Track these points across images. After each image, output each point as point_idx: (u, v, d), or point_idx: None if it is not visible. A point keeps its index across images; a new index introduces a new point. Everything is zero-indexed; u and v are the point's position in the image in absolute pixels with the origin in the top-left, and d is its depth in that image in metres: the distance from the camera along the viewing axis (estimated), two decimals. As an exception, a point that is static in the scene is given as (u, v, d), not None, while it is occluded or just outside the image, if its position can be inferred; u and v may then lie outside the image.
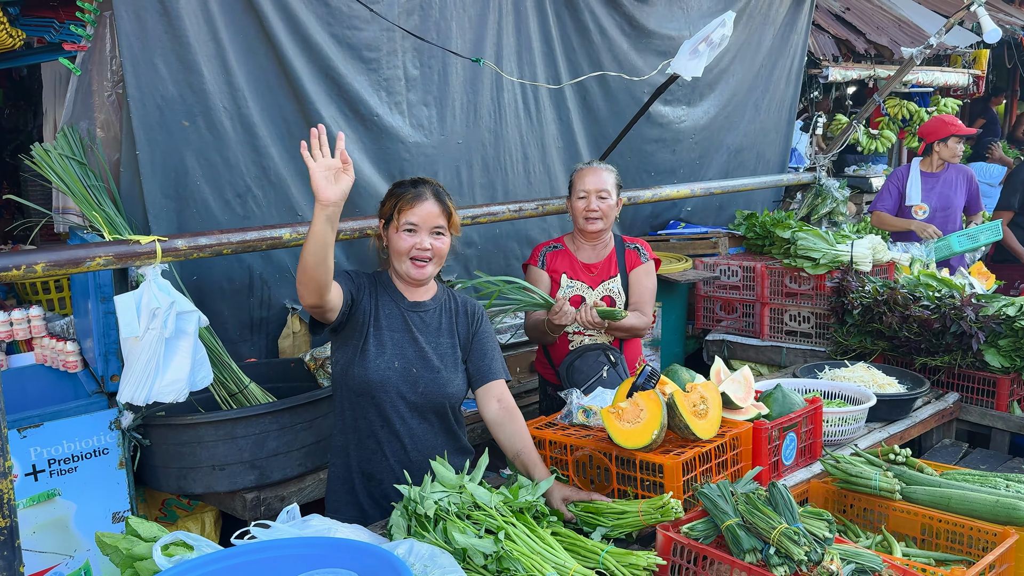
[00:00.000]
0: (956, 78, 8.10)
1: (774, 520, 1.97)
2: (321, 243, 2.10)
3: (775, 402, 2.70)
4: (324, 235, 2.10)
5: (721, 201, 5.71)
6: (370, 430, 2.42)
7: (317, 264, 2.12)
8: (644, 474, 2.32)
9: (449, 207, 2.42)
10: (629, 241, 3.37)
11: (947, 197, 5.18)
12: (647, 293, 3.29)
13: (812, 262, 4.08)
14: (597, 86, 4.66)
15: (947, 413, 3.43)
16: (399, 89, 3.65)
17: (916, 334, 3.54)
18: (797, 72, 5.95)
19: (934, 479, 2.51)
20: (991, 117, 10.72)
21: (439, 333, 2.46)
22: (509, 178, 4.30)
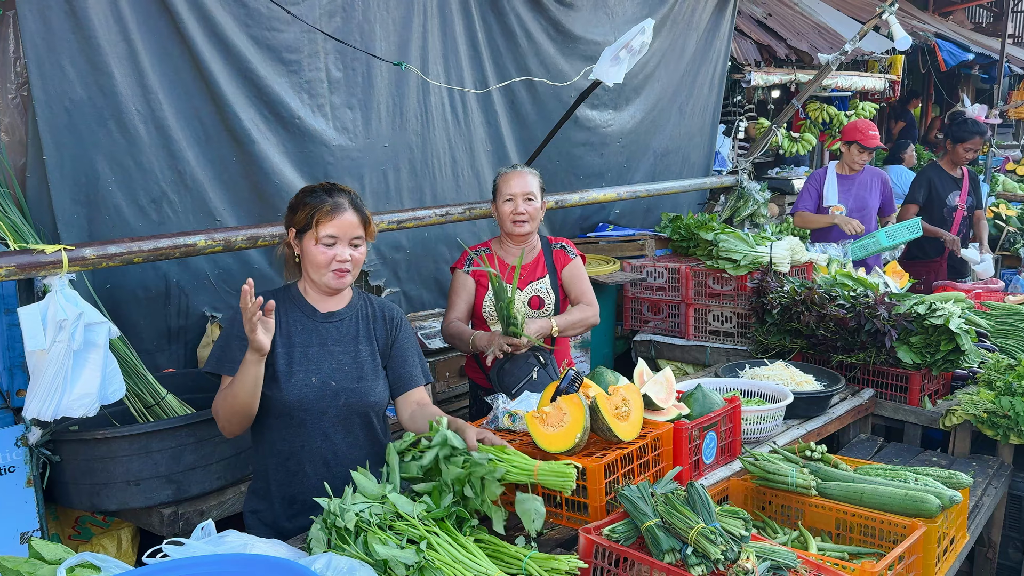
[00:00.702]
0: (873, 83, 8.41)
1: (692, 520, 2.00)
2: (253, 385, 2.19)
3: (696, 402, 2.74)
4: (257, 377, 2.18)
5: (648, 204, 5.80)
6: (290, 451, 2.36)
7: (251, 402, 2.22)
8: (567, 478, 2.33)
9: (366, 215, 2.37)
10: (555, 241, 3.41)
11: (862, 199, 5.36)
12: (586, 284, 3.37)
13: (733, 263, 4.17)
14: (525, 90, 4.68)
15: (863, 409, 3.55)
16: (322, 91, 3.60)
17: (832, 332, 3.65)
18: (720, 77, 6.08)
19: (848, 475, 2.59)
20: (910, 120, 11.16)
21: (356, 341, 2.41)
22: (437, 182, 4.28)
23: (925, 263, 5.72)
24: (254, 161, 3.43)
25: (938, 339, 3.47)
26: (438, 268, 4.39)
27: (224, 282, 3.48)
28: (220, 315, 3.48)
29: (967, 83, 12.93)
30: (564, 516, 2.35)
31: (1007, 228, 8.34)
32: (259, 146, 3.43)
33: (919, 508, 2.35)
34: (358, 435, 2.42)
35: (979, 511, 2.92)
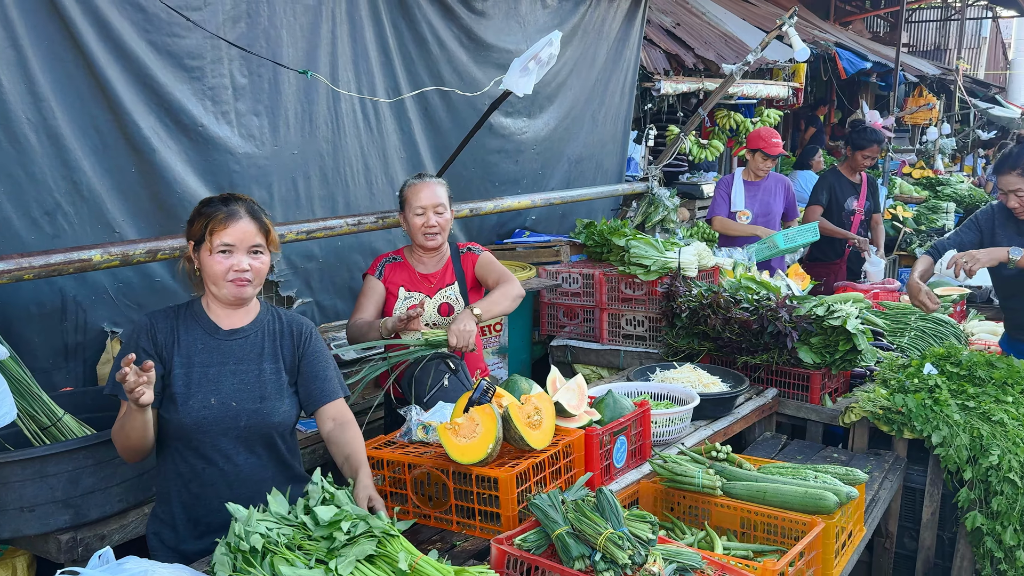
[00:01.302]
0: (777, 90, 8.73)
1: (601, 526, 2.04)
2: (142, 428, 2.15)
3: (607, 407, 2.79)
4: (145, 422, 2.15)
5: (564, 210, 5.87)
6: (192, 474, 2.29)
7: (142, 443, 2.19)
8: (480, 488, 2.34)
9: (266, 224, 2.30)
10: (462, 246, 3.43)
11: (767, 204, 5.57)
12: (498, 266, 3.37)
13: (644, 269, 4.27)
14: (439, 97, 4.67)
15: (767, 408, 3.67)
16: (226, 98, 3.51)
17: (737, 335, 3.77)
18: (631, 85, 6.21)
19: (752, 474, 2.67)
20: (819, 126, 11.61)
21: (261, 359, 2.35)
22: (350, 189, 4.23)
23: (827, 265, 5.97)
24: (155, 170, 3.32)
25: (836, 339, 3.63)
26: (352, 277, 4.34)
27: (124, 296, 3.35)
28: (120, 330, 3.35)
29: (866, 90, 13.56)
30: (477, 527, 2.36)
31: (904, 229, 8.78)
32: (160, 155, 3.32)
33: (818, 505, 2.45)
34: (262, 456, 2.35)
35: (876, 504, 3.07)
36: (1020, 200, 3.65)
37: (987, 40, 23.20)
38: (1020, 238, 3.78)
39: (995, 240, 3.84)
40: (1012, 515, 3.11)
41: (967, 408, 3.29)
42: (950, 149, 14.82)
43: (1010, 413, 3.25)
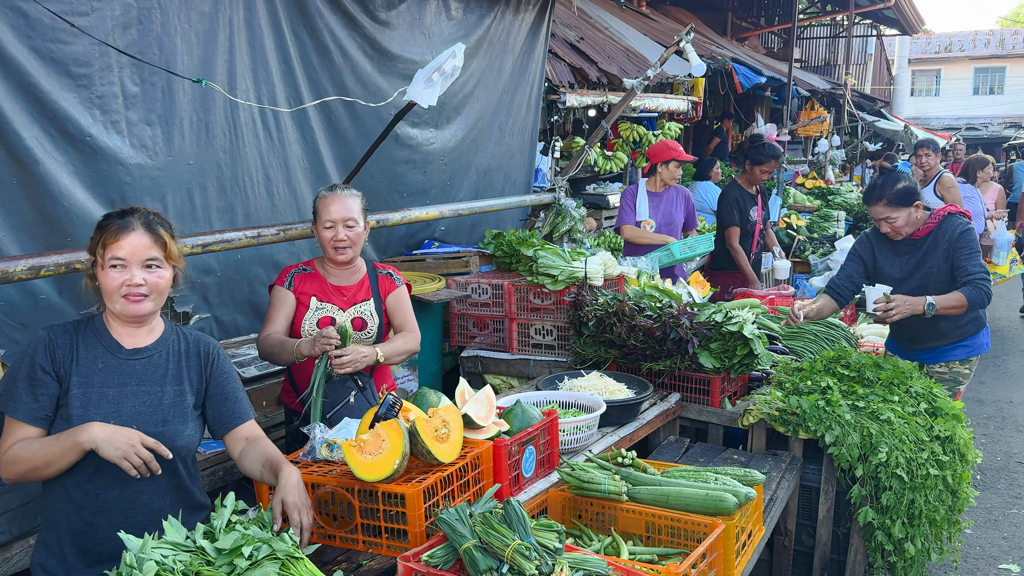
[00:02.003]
0: (678, 104, 8.99)
1: (508, 537, 2.04)
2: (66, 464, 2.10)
3: (515, 418, 2.80)
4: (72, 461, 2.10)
5: (473, 220, 5.87)
6: (85, 500, 2.17)
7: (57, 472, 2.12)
8: (387, 505, 2.30)
9: (163, 237, 2.22)
10: (381, 267, 3.39)
11: (669, 214, 5.73)
12: (409, 313, 3.37)
13: (552, 278, 4.31)
14: (343, 107, 4.61)
15: (670, 412, 3.77)
16: (116, 107, 3.36)
17: (642, 342, 3.85)
18: (537, 97, 6.28)
19: (656, 478, 2.73)
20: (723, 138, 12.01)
21: (164, 381, 2.26)
22: (250, 201, 4.12)
23: (731, 273, 6.16)
24: (38, 183, 3.15)
25: (734, 344, 3.75)
26: (253, 291, 4.22)
27: (6, 315, 3.16)
28: (3, 350, 3.15)
29: (761, 104, 14.14)
30: (384, 545, 2.32)
31: (798, 237, 9.18)
32: (44, 166, 3.15)
33: (718, 507, 2.52)
34: (161, 481, 2.25)
35: (775, 503, 3.18)
36: (891, 225, 3.94)
37: (872, 57, 24.57)
38: (899, 258, 4.06)
39: (878, 265, 4.11)
40: (900, 509, 3.27)
41: (857, 408, 3.45)
42: (840, 160, 15.60)
43: (896, 412, 3.43)
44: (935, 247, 3.93)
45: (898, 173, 4.05)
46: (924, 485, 3.28)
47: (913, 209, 3.91)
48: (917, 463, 3.29)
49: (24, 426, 2.13)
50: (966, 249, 3.85)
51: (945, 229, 3.92)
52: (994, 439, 5.81)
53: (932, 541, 3.40)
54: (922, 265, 3.96)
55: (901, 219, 3.91)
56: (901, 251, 4.05)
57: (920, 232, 3.97)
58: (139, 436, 2.09)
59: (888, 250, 4.08)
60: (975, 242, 3.91)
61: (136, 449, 2.06)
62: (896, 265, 4.04)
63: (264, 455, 2.33)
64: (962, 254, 3.85)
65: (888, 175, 4.05)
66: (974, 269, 3.82)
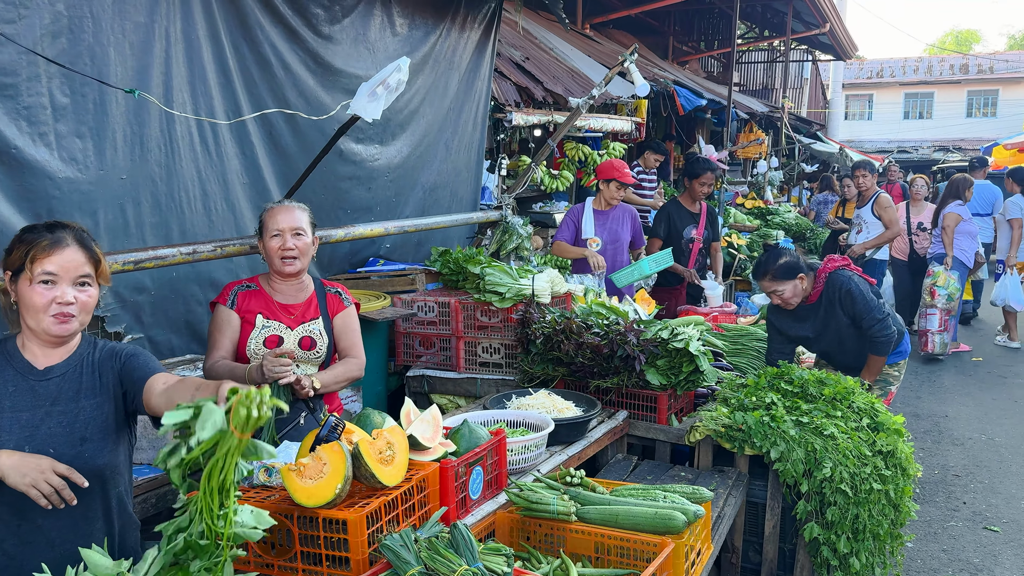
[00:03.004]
0: (621, 124, 9.08)
1: (455, 563, 1.98)
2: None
3: (462, 438, 2.74)
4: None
5: (419, 238, 5.81)
6: (6, 532, 2.04)
7: None
8: (329, 532, 2.22)
9: (96, 253, 2.14)
10: (329, 285, 3.29)
11: (615, 232, 5.75)
12: (356, 336, 3.26)
13: (499, 296, 4.27)
14: (284, 121, 4.51)
15: (618, 430, 3.74)
16: (44, 119, 3.22)
17: (590, 359, 3.83)
18: (483, 115, 6.26)
19: (605, 497, 2.70)
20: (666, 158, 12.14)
21: (79, 396, 2.14)
22: (186, 216, 3.99)
23: (669, 290, 6.21)
24: (-41, 196, 2.99)
25: (680, 361, 3.76)
26: (189, 310, 4.07)
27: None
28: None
29: (702, 126, 14.39)
30: (325, 575, 2.23)
31: (738, 256, 9.34)
32: (-35, 179, 2.99)
33: (667, 525, 2.50)
34: (88, 505, 2.13)
35: (722, 520, 3.17)
36: (780, 297, 4.28)
37: (808, 81, 25.30)
38: (797, 323, 4.40)
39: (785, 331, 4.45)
40: (845, 524, 3.30)
41: (801, 424, 3.48)
42: (778, 181, 15.98)
43: (840, 427, 3.46)
44: (831, 305, 4.30)
45: (781, 249, 4.41)
46: (868, 500, 3.32)
47: (798, 281, 4.23)
48: (860, 478, 3.33)
49: None
50: (854, 304, 4.22)
51: (832, 289, 4.27)
52: (931, 452, 5.94)
53: (876, 555, 3.43)
54: (828, 323, 4.32)
55: (788, 291, 4.23)
56: (801, 316, 4.37)
57: (812, 296, 4.31)
58: (50, 463, 1.97)
59: (789, 317, 4.40)
60: (860, 293, 4.24)
61: (46, 476, 1.95)
62: (804, 327, 4.38)
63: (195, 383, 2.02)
64: (855, 309, 4.22)
65: (771, 251, 4.40)
66: (868, 323, 4.20)
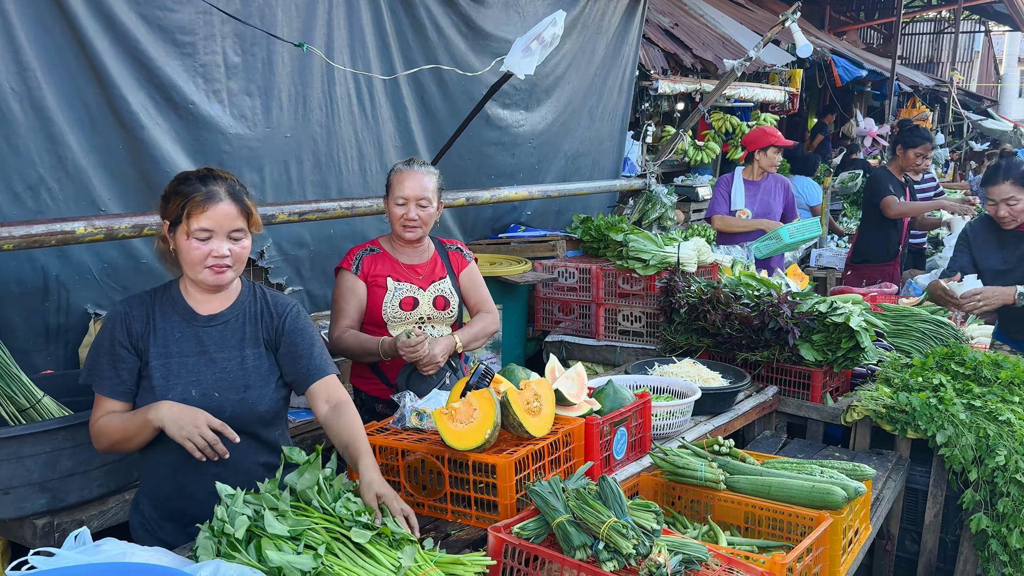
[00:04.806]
0: (774, 94, 8.69)
1: (604, 515, 1.95)
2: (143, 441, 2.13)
3: (607, 398, 2.70)
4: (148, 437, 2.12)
5: (559, 206, 5.79)
6: (176, 464, 2.17)
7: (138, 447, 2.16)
8: (477, 475, 2.24)
9: (248, 206, 2.14)
10: (448, 242, 3.26)
11: (767, 204, 5.51)
12: (485, 290, 3.25)
13: (643, 263, 4.18)
14: (435, 85, 4.59)
15: (767, 405, 3.59)
16: (218, 76, 3.41)
17: (737, 331, 3.69)
18: (629, 82, 6.14)
19: (756, 468, 2.59)
20: (827, 134, 11.54)
21: (242, 345, 2.21)
22: (343, 176, 4.14)
23: (879, 267, 5.85)
24: (143, 148, 3.22)
25: (839, 337, 3.55)
26: (344, 266, 4.23)
27: (108, 277, 3.24)
28: (103, 312, 3.24)
29: (860, 99, 13.58)
30: (473, 516, 2.26)
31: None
32: (148, 132, 3.21)
33: (825, 500, 2.37)
34: (252, 446, 2.22)
35: (880, 504, 2.99)
36: (1010, 209, 3.77)
37: (979, 54, 23.36)
38: (1001, 251, 3.91)
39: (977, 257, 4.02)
40: (1018, 517, 3.03)
41: (973, 407, 3.21)
42: (943, 159, 14.85)
43: (1017, 413, 3.18)
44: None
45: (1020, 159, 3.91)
46: (1047, 493, 3.03)
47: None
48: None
49: (109, 400, 2.14)
50: None
51: None
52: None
53: (1053, 555, 3.14)
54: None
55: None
56: (1006, 243, 3.90)
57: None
58: (206, 418, 2.03)
59: (990, 242, 3.95)
60: None
61: (200, 431, 2.01)
62: (997, 257, 3.93)
63: (346, 433, 2.19)
64: None
65: (1009, 157, 3.88)
66: None
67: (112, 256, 3.24)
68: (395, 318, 2.99)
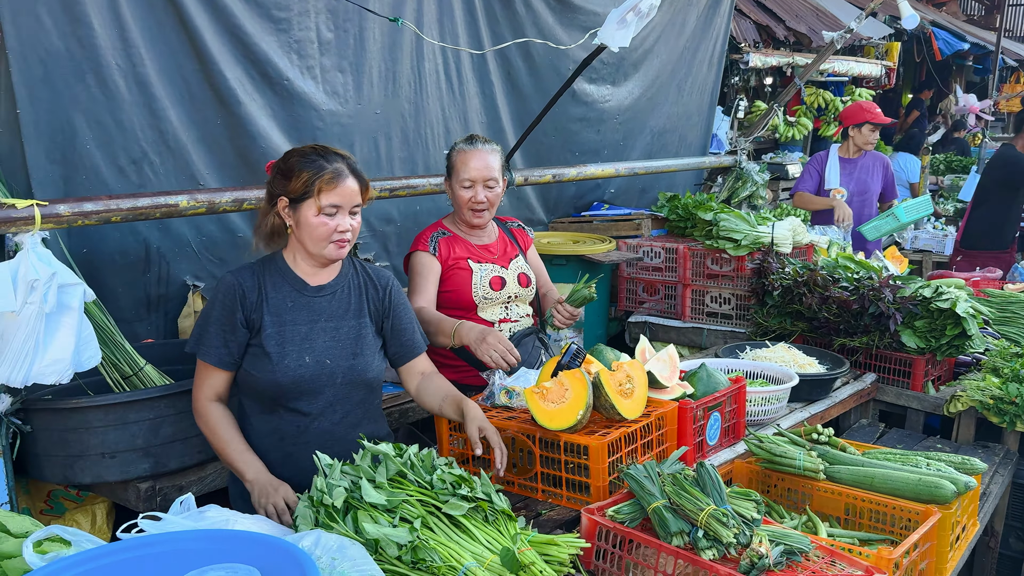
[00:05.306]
0: (870, 68, 8.31)
1: (702, 501, 1.90)
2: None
3: (700, 381, 2.64)
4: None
5: (644, 184, 5.67)
6: (283, 432, 2.24)
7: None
8: (569, 456, 2.22)
9: (365, 180, 2.24)
10: (507, 220, 3.19)
11: (864, 182, 5.28)
12: (544, 270, 3.21)
13: (734, 243, 4.07)
14: (522, 61, 4.53)
15: (865, 393, 3.46)
16: (312, 52, 3.43)
17: (835, 315, 3.56)
18: (719, 56, 5.96)
19: (857, 458, 2.50)
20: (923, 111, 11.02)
21: (348, 314, 2.28)
22: (430, 153, 4.14)
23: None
24: (240, 123, 3.27)
25: (944, 323, 3.39)
26: (429, 242, 4.25)
27: (207, 250, 3.32)
28: (202, 284, 3.33)
29: (959, 74, 12.89)
30: (564, 496, 2.24)
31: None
32: (245, 107, 3.27)
33: (933, 494, 2.26)
34: (355, 414, 2.30)
35: (987, 499, 2.85)
36: None
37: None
38: None
39: None
40: None
41: (1092, 401, 3.02)
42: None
43: None
44: None
45: None
46: None
47: None
48: None
49: (215, 370, 2.20)
50: None
51: None
52: None
53: None
54: None
55: None
56: None
57: None
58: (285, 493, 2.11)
59: None
60: None
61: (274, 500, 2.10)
62: None
63: (443, 390, 2.36)
64: None
65: None
66: None
67: (210, 230, 3.32)
68: (486, 299, 2.95)
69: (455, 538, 1.87)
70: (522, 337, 3.01)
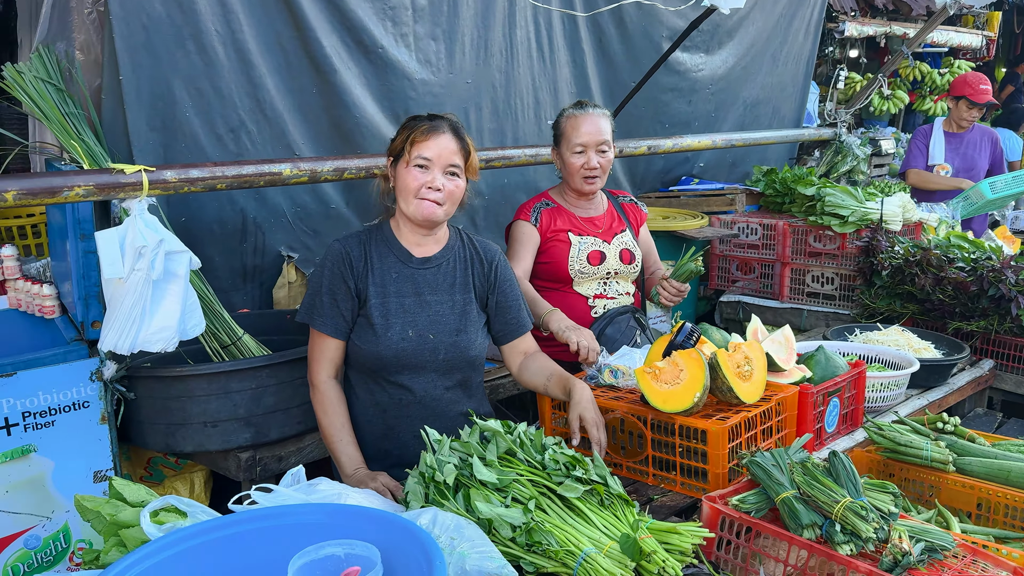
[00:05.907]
0: (969, 39, 7.85)
1: (837, 493, 1.77)
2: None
3: (818, 365, 2.50)
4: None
5: (734, 158, 5.47)
6: (386, 405, 2.20)
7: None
8: (684, 440, 2.11)
9: (468, 145, 2.17)
10: (619, 194, 3.07)
11: (971, 158, 4.97)
12: (654, 248, 3.12)
13: (840, 220, 3.86)
14: (614, 28, 4.38)
15: (982, 381, 3.25)
16: (406, 19, 3.36)
17: (951, 297, 3.35)
18: (816, 24, 5.68)
19: (989, 450, 2.32)
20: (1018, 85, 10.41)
21: (453, 289, 2.22)
22: (519, 124, 4.04)
23: None
24: (335, 92, 3.23)
25: (1074, 308, 3.15)
26: (516, 216, 4.16)
27: (301, 220, 3.31)
28: (296, 255, 3.31)
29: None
30: (678, 482, 2.14)
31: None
32: (340, 76, 3.22)
33: (1082, 492, 2.08)
34: (457, 391, 2.24)
35: (1126, 498, 2.63)
36: None
37: None
38: None
39: None
40: None
41: None
42: None
43: None
44: None
45: None
46: None
47: None
48: None
49: (330, 340, 2.17)
50: None
51: None
52: None
53: None
54: None
55: None
56: None
57: None
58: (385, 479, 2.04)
59: None
60: None
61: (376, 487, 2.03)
62: None
63: (548, 368, 2.28)
64: None
65: None
66: None
67: (304, 200, 3.30)
68: (583, 273, 2.87)
69: (570, 521, 1.79)
70: (615, 316, 2.91)
